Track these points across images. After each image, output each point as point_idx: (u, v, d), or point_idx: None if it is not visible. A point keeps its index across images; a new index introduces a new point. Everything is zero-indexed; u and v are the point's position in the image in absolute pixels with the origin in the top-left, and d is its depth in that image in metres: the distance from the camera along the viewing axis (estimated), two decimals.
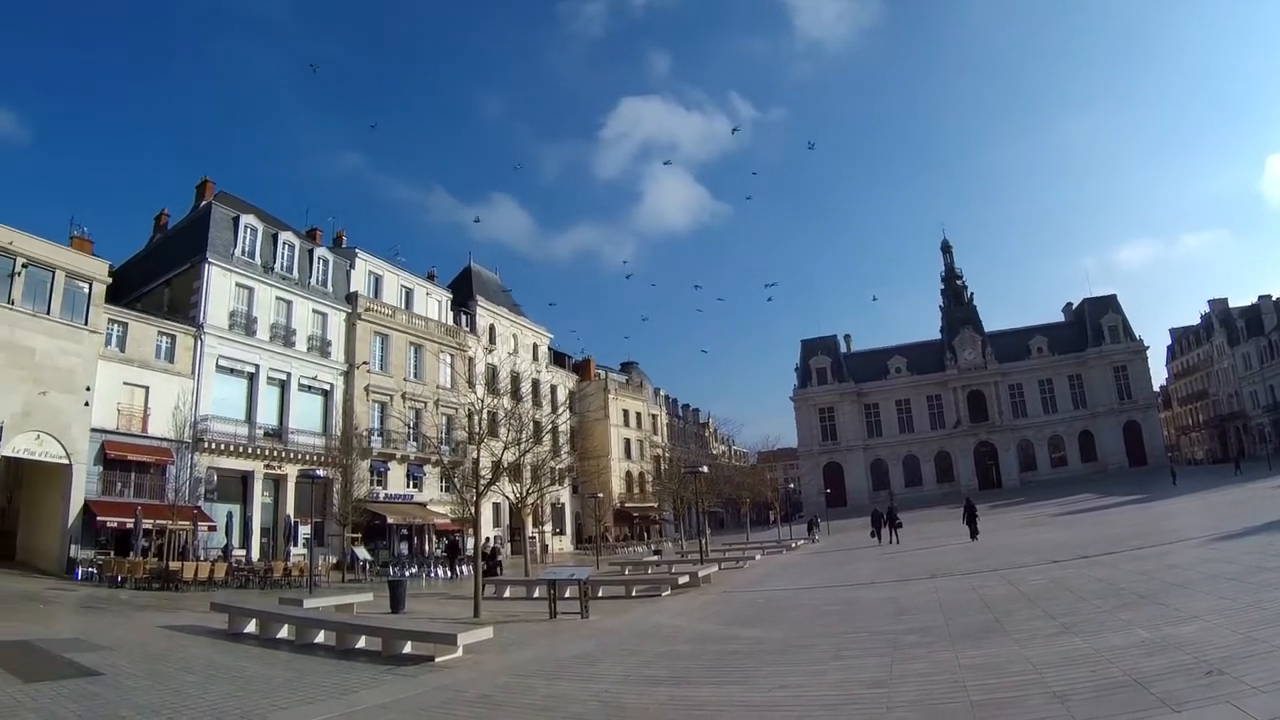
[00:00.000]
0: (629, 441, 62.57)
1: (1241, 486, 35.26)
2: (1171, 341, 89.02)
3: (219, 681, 8.80)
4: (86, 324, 25.35)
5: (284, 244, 34.76)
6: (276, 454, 31.90)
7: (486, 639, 10.56)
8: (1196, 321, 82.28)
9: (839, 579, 19.29)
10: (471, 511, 17.07)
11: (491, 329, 48.87)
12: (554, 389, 53.56)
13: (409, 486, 38.44)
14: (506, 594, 20.09)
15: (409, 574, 27.68)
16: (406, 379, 39.57)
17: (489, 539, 34.70)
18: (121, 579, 21.72)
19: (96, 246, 28.22)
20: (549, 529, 47.57)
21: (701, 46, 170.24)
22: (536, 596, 18.32)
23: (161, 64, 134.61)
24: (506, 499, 28.45)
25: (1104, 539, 19.87)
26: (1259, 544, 13.87)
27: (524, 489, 25.99)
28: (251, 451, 30.85)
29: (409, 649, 10.34)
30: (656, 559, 31.74)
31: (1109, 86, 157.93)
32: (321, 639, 11.59)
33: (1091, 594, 10.97)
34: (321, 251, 37.05)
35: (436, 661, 9.68)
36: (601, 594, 17.89)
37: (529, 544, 34.53)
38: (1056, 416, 76.12)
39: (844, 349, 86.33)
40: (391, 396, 38.33)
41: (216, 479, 29.32)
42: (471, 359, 43.02)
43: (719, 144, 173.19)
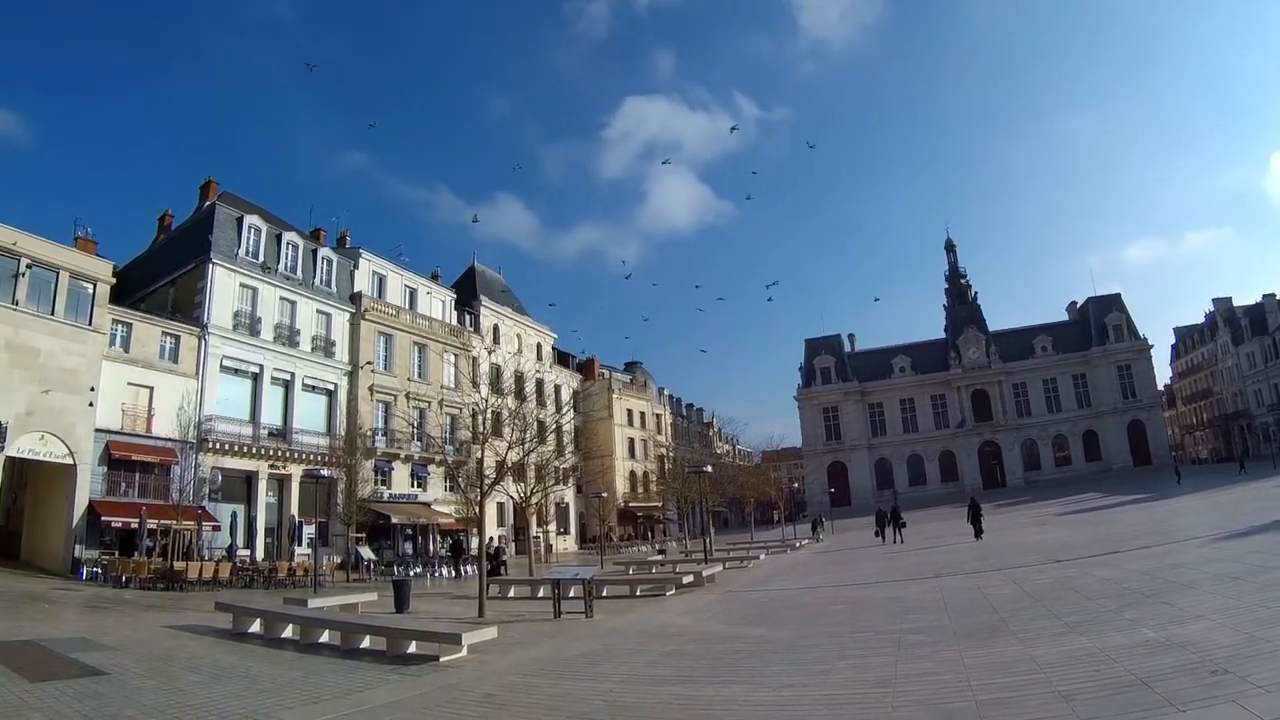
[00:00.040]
0: (633, 441, 62.50)
1: (1246, 486, 35.08)
2: (1176, 340, 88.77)
3: (224, 681, 8.81)
4: (91, 324, 25.41)
5: (288, 244, 34.81)
6: (281, 454, 31.96)
7: (491, 639, 10.59)
8: (1201, 320, 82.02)
9: (843, 578, 19.24)
10: (476, 511, 17.09)
11: (495, 329, 48.95)
12: (558, 388, 53.55)
13: (413, 486, 38.50)
14: (511, 594, 20.10)
15: (413, 574, 27.68)
16: (410, 379, 39.62)
17: (493, 538, 34.75)
18: (126, 579, 21.74)
19: (100, 247, 28.38)
20: (553, 529, 47.54)
21: (706, 46, 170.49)
22: (541, 596, 18.34)
23: (163, 64, 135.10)
24: (511, 499, 28.45)
25: (1108, 538, 19.79)
26: (1264, 543, 13.80)
27: (528, 489, 26.00)
28: (256, 451, 30.91)
29: (414, 649, 10.35)
30: (661, 559, 31.75)
31: (1113, 84, 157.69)
32: (326, 639, 11.62)
33: (1096, 593, 10.93)
34: (325, 251, 37.09)
35: (441, 661, 9.69)
36: (606, 594, 17.88)
37: (533, 544, 34.53)
38: (1061, 416, 75.88)
39: (848, 348, 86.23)
40: (395, 396, 38.37)
41: (221, 479, 29.35)
42: (475, 359, 43.02)
43: (723, 143, 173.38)
